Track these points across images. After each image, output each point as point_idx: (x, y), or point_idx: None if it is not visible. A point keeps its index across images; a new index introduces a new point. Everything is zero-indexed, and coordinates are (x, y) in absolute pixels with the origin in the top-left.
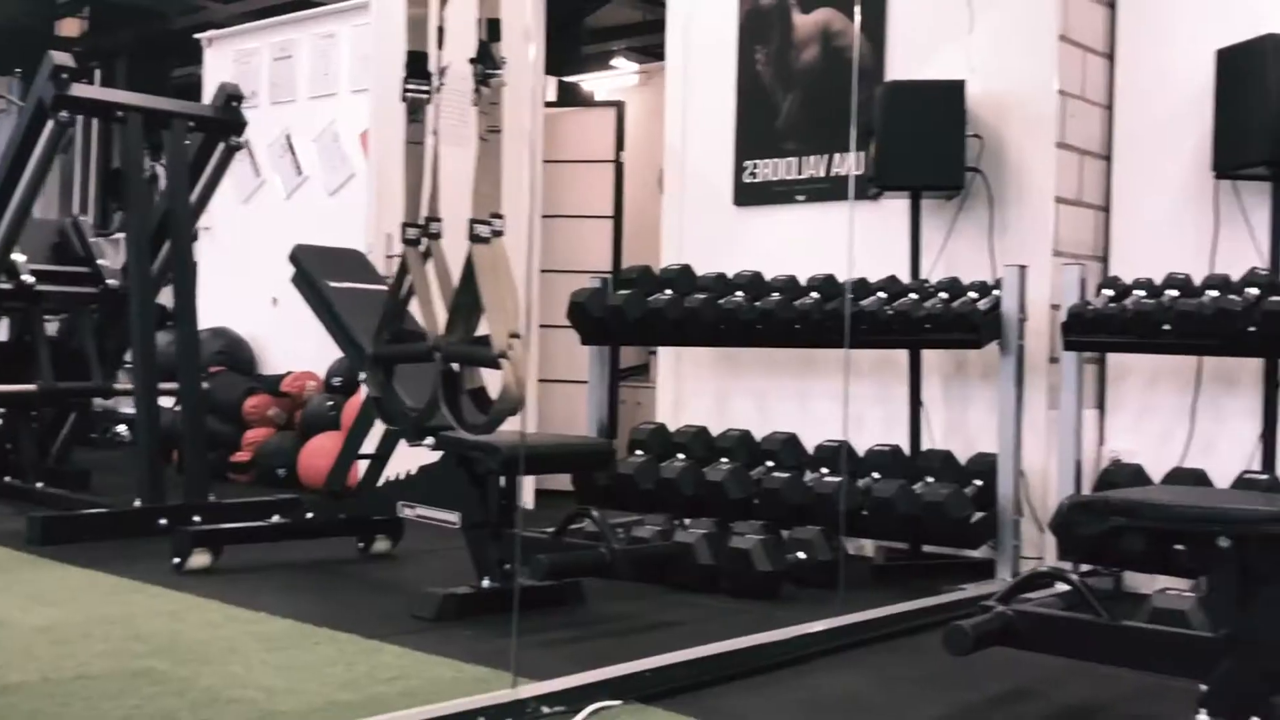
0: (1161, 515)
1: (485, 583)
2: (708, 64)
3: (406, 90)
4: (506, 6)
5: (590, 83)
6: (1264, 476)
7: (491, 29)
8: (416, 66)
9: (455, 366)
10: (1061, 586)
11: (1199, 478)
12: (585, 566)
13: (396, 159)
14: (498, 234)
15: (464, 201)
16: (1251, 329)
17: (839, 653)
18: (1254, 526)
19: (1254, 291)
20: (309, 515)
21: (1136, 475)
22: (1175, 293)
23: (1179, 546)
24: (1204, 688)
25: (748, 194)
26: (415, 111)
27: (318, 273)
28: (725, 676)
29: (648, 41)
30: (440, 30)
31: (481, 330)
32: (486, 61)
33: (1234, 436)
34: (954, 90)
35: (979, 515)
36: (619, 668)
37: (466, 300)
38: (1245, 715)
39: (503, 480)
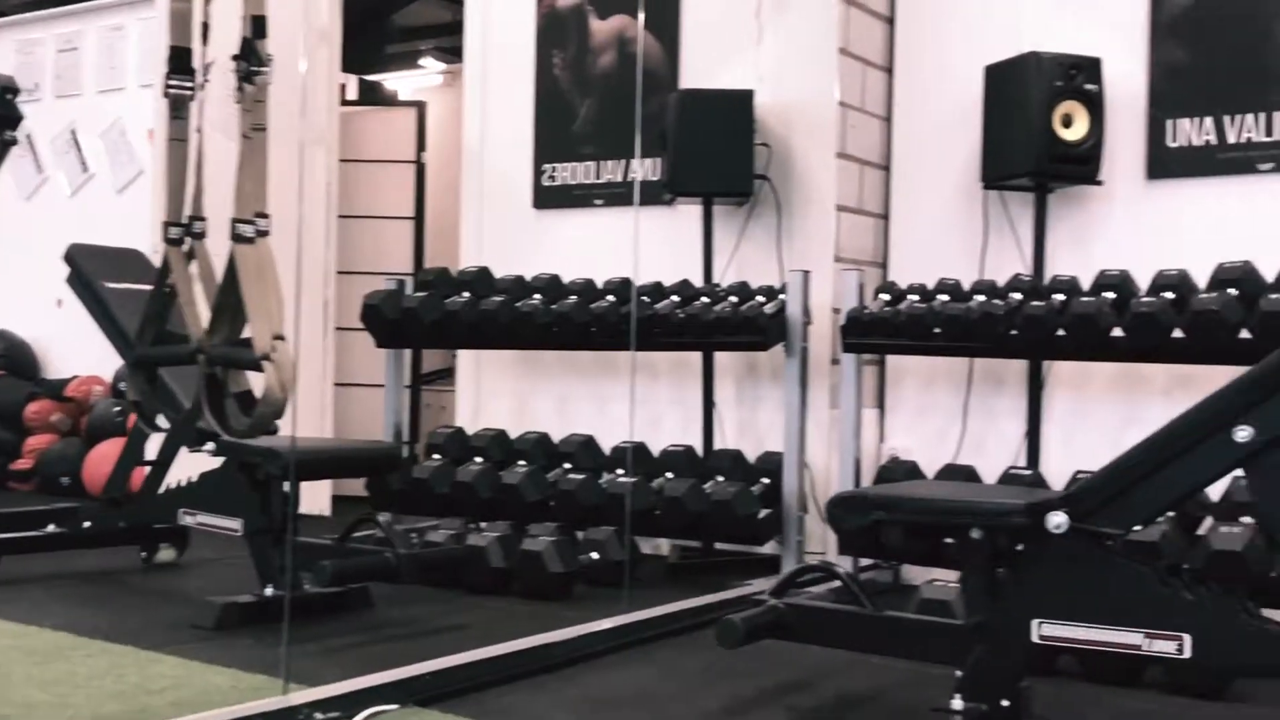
0: (918, 508)
1: (269, 590)
2: (506, 66)
3: (169, 87)
4: (299, 4)
5: (395, 82)
6: (1028, 472)
7: (256, 25)
8: (179, 62)
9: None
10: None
11: (969, 474)
12: (370, 571)
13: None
14: (263, 234)
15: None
16: (1014, 332)
17: (625, 650)
18: (1003, 518)
19: (1017, 296)
20: (86, 524)
21: (912, 471)
22: (946, 297)
23: (949, 540)
24: (959, 674)
25: (547, 197)
26: (178, 108)
27: (94, 273)
28: (509, 677)
29: (456, 42)
30: (205, 26)
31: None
32: (251, 58)
33: (1002, 434)
34: (743, 99)
35: (766, 512)
36: (397, 671)
37: (230, 301)
38: (996, 699)
39: (287, 485)
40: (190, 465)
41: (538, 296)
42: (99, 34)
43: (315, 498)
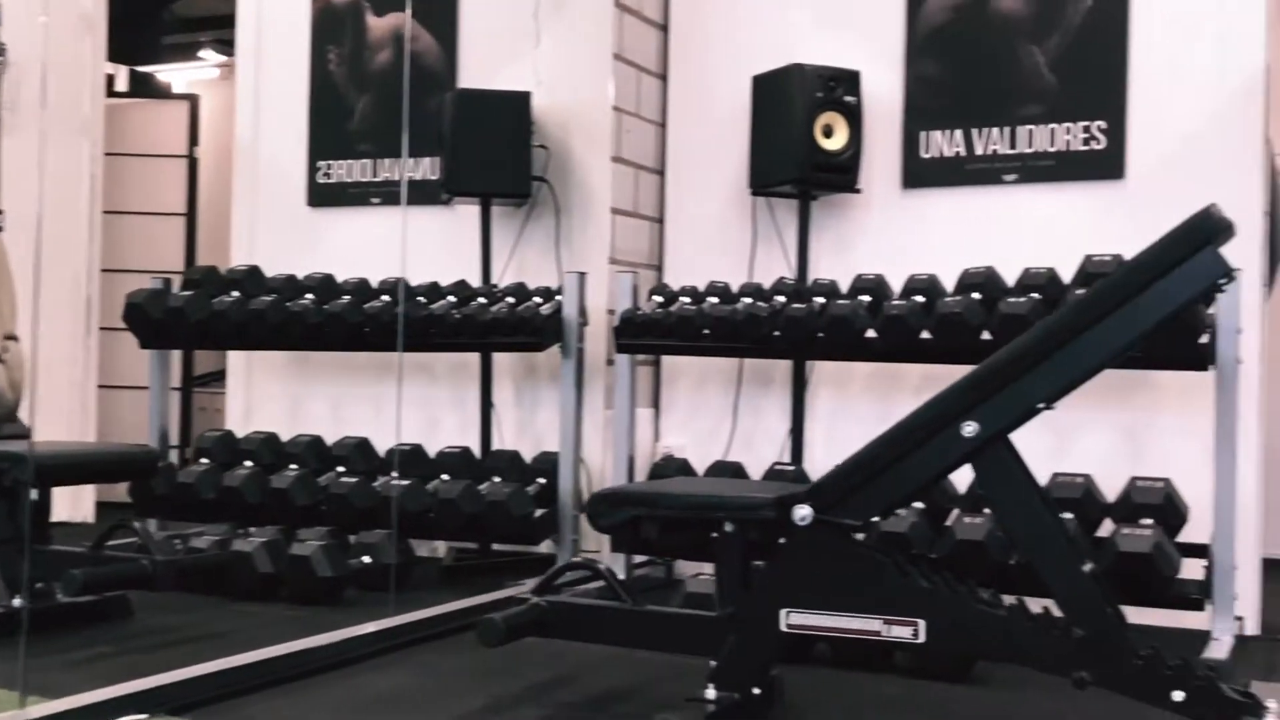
0: (673, 504)
1: (17, 601)
2: (281, 60)
3: None
4: None
5: (172, 74)
6: (791, 468)
7: None
8: None
9: None
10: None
11: (737, 470)
12: (124, 579)
13: None
14: None
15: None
16: (777, 333)
17: (391, 652)
18: (752, 511)
19: (781, 299)
20: None
21: (683, 469)
22: (715, 299)
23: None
24: (713, 664)
25: (322, 195)
26: None
27: None
28: (267, 683)
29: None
30: None
31: None
32: None
33: (769, 432)
34: (520, 101)
35: (541, 512)
36: (146, 680)
37: None
38: (748, 688)
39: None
40: None
41: (309, 296)
42: None
43: (78, 504)
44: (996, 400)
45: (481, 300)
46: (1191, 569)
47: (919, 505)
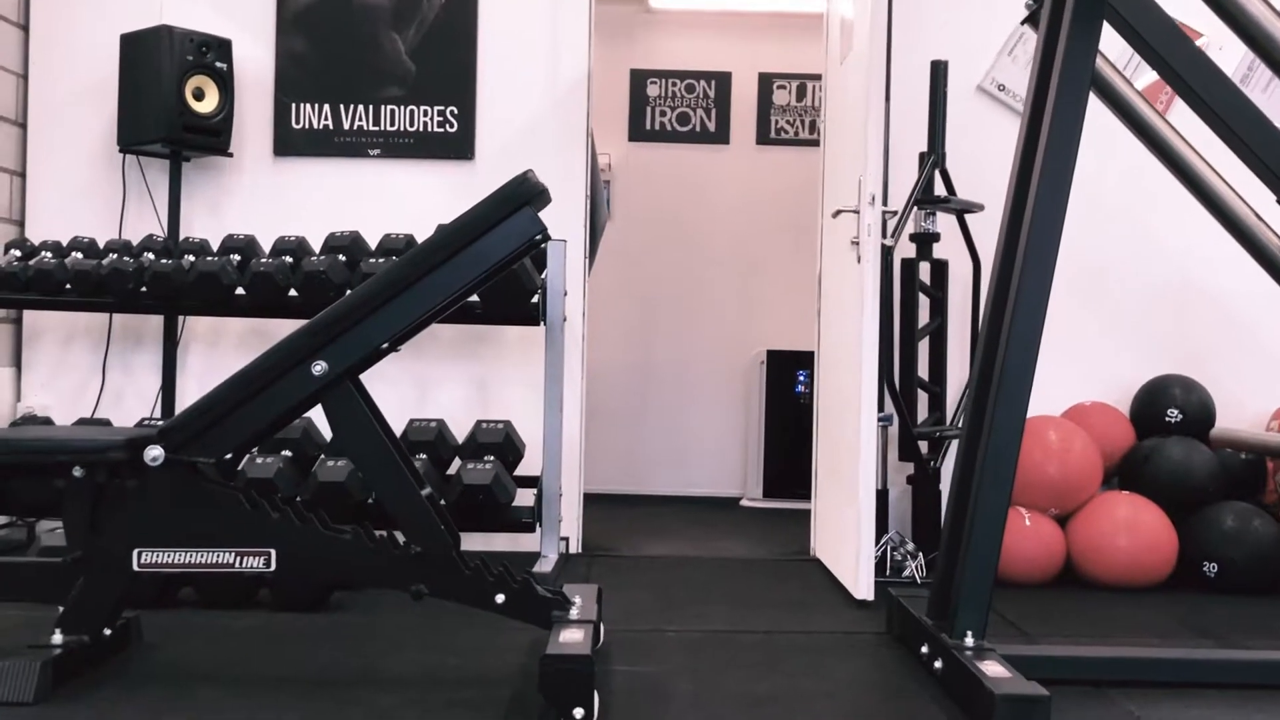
0: (9, 449)
1: None
2: None
3: None
4: None
5: None
6: (161, 423)
7: None
8: None
9: None
10: None
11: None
12: None
13: None
14: None
15: None
16: (144, 289)
17: None
18: (101, 454)
19: (150, 256)
20: None
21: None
22: (80, 255)
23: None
24: (61, 610)
25: None
26: None
27: None
28: None
29: None
30: None
31: None
32: None
33: (141, 389)
34: None
35: None
36: None
37: None
38: (98, 630)
39: None
40: None
41: None
42: None
43: None
44: (343, 341)
45: None
46: (528, 498)
47: (287, 454)
